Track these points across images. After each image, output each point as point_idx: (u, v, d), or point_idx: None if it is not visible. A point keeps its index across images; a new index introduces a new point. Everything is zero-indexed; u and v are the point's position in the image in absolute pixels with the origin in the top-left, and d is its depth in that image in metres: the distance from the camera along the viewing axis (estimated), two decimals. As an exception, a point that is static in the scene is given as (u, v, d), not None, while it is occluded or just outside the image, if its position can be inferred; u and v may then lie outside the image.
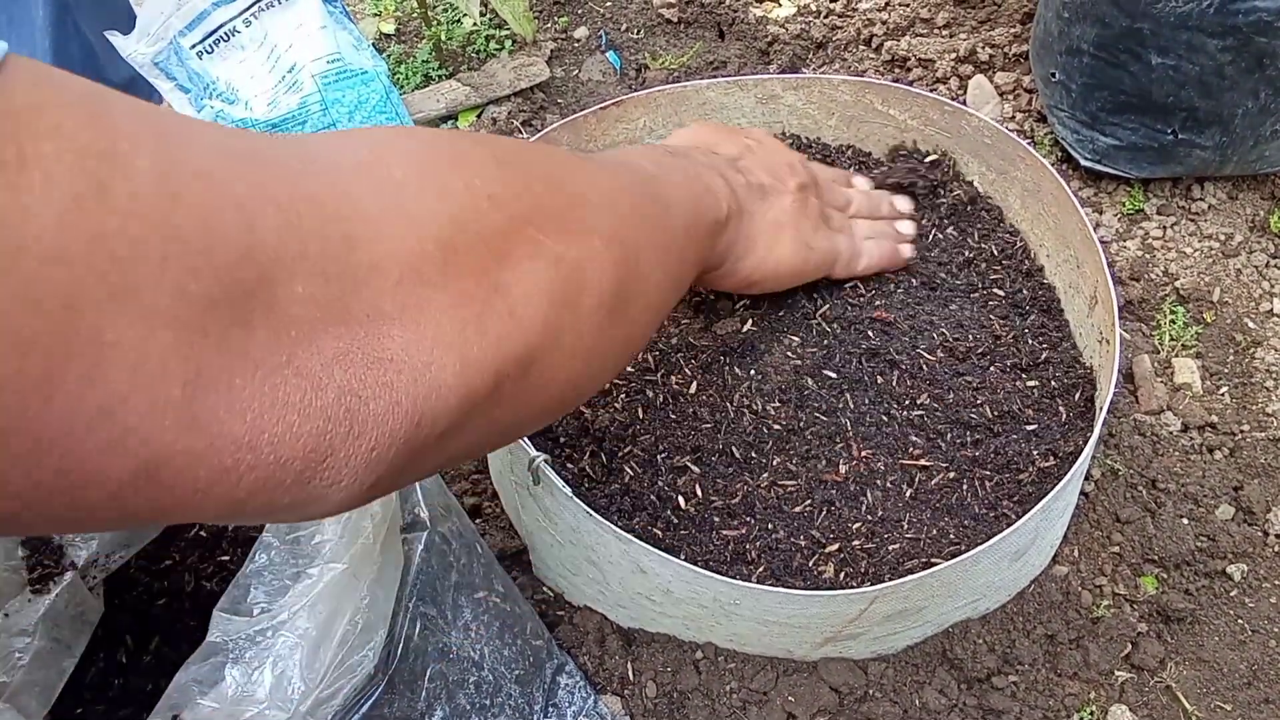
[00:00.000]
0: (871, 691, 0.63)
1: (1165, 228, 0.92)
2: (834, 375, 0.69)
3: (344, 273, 0.29)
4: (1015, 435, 0.67)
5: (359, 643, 0.49)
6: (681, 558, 0.60)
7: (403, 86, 1.08)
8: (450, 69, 1.10)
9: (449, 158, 0.36)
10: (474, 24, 1.14)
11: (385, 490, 0.34)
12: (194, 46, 0.87)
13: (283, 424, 0.27)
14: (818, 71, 1.08)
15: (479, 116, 1.06)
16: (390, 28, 1.17)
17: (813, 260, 0.66)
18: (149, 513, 0.26)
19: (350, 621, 0.49)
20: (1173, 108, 0.86)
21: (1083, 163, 0.94)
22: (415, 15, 1.15)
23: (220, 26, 0.88)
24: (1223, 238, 0.91)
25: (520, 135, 1.02)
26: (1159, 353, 0.83)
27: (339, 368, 0.28)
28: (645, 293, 0.45)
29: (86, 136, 0.22)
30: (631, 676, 0.65)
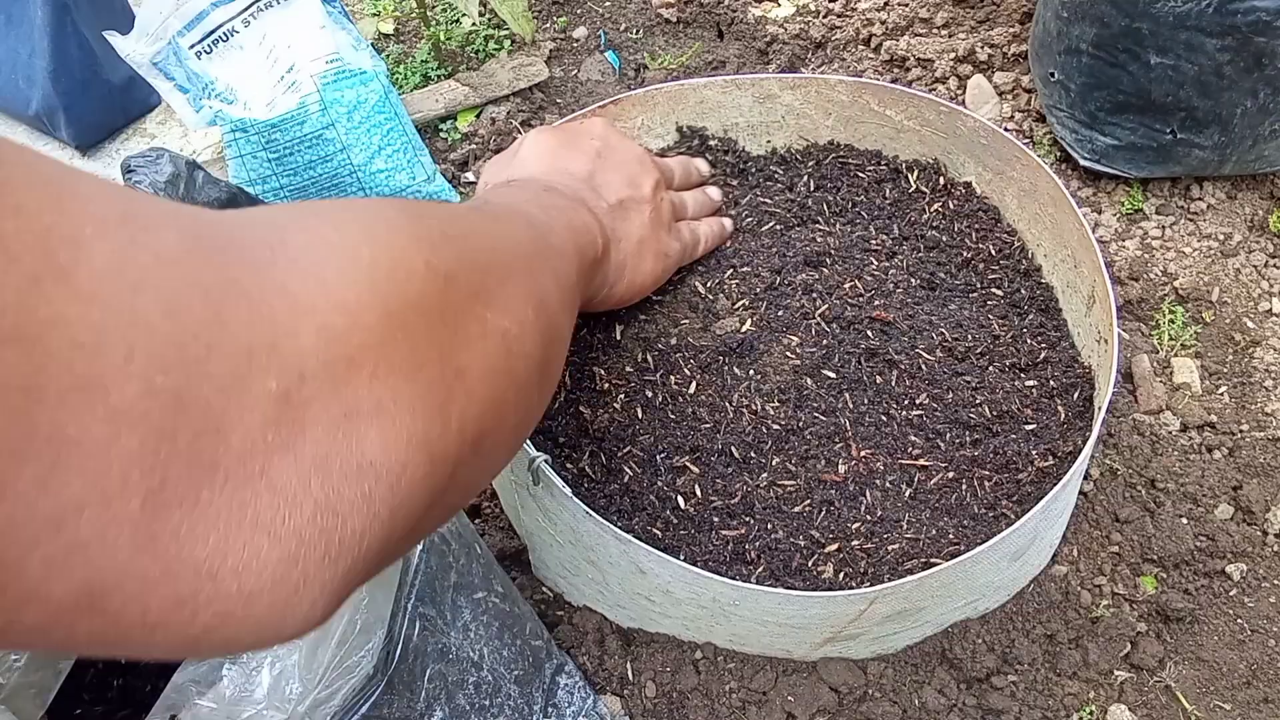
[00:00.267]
0: (871, 691, 0.63)
1: (1164, 227, 0.92)
2: (833, 375, 0.69)
3: (320, 368, 0.27)
4: (1014, 435, 0.67)
5: (357, 643, 0.49)
6: (681, 558, 0.60)
7: (402, 87, 1.08)
8: (449, 69, 1.10)
9: (409, 234, 0.34)
10: (473, 24, 1.14)
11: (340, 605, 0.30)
12: (193, 47, 0.87)
13: (249, 548, 0.24)
14: (817, 71, 1.08)
15: (478, 116, 1.06)
16: (389, 28, 1.17)
17: (669, 266, 0.68)
18: (90, 643, 0.23)
19: (349, 622, 0.49)
20: (1171, 107, 0.86)
21: (1082, 162, 0.94)
22: (414, 15, 1.15)
23: (219, 26, 0.87)
24: (1221, 237, 0.91)
25: (519, 135, 1.02)
26: (1158, 352, 0.83)
27: (317, 479, 0.26)
28: (562, 345, 0.46)
29: (49, 218, 0.21)
30: (631, 677, 0.65)
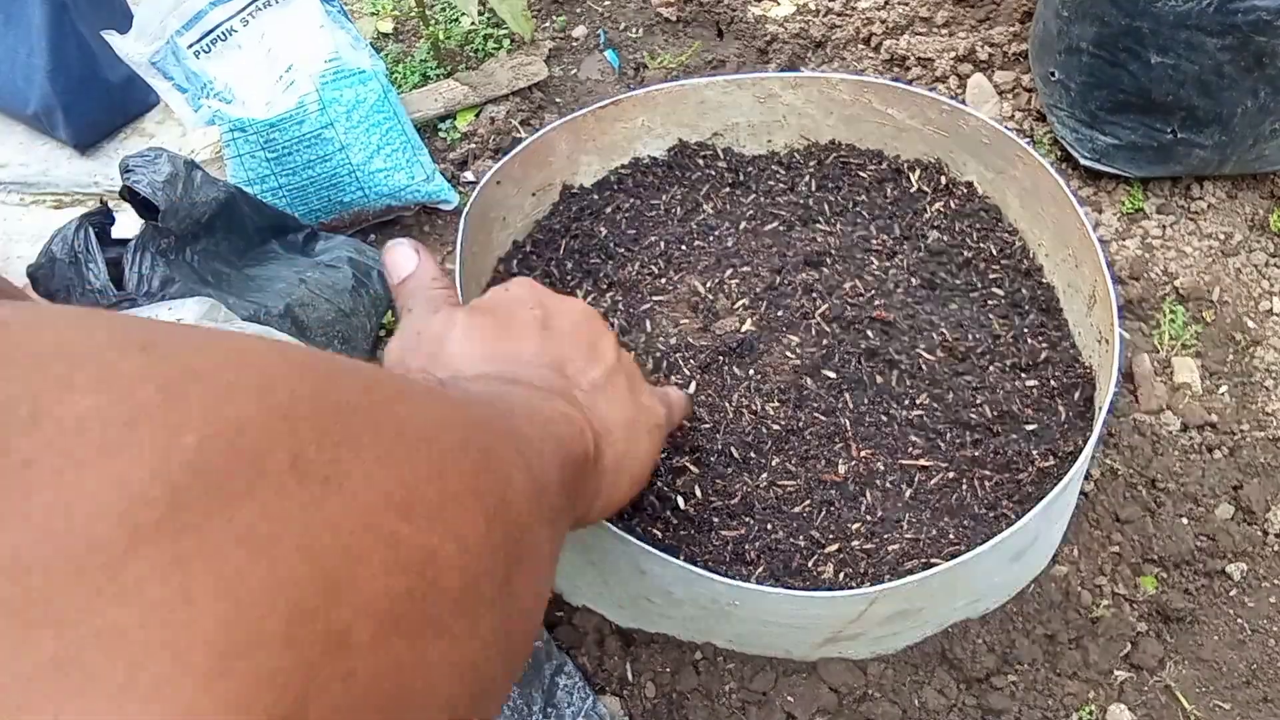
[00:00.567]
0: (871, 692, 0.63)
1: (1165, 227, 0.92)
2: (833, 375, 0.69)
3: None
4: (1015, 435, 0.67)
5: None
6: (681, 558, 0.60)
7: (400, 86, 1.08)
8: (448, 68, 1.10)
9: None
10: (472, 23, 1.14)
11: None
12: (191, 46, 0.87)
13: None
14: (816, 70, 1.08)
15: (477, 116, 1.06)
16: (388, 27, 1.17)
17: (663, 437, 0.54)
18: None
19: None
20: (1172, 107, 0.86)
21: (1082, 162, 0.94)
22: (413, 14, 1.15)
23: (218, 26, 0.87)
24: (1222, 237, 0.90)
25: (519, 134, 1.02)
26: (1158, 352, 0.83)
27: None
28: (539, 567, 0.33)
29: None
30: (631, 677, 0.65)
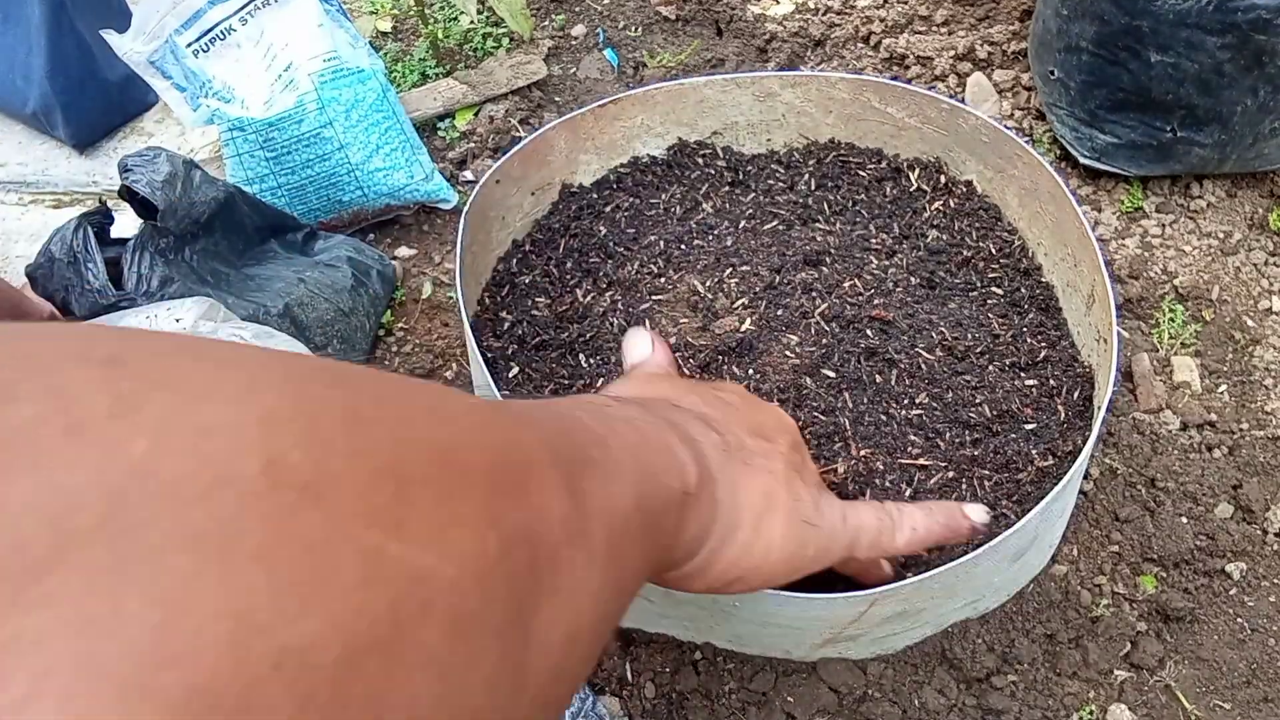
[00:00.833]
0: (871, 692, 0.63)
1: (1164, 225, 0.92)
2: (832, 374, 0.69)
3: None
4: (1014, 434, 0.67)
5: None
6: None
7: (399, 85, 1.08)
8: (447, 67, 1.10)
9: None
10: (471, 22, 1.14)
11: None
12: (190, 45, 0.87)
13: None
14: (816, 69, 1.08)
15: (476, 114, 1.05)
16: (387, 26, 1.17)
17: (816, 542, 0.47)
18: None
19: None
20: (1172, 105, 0.86)
21: (1082, 160, 0.93)
22: (412, 13, 1.15)
23: (216, 25, 0.87)
24: (1222, 235, 0.90)
25: (518, 133, 1.01)
26: (1158, 351, 0.83)
27: None
28: (566, 612, 0.28)
29: None
30: (630, 677, 0.65)
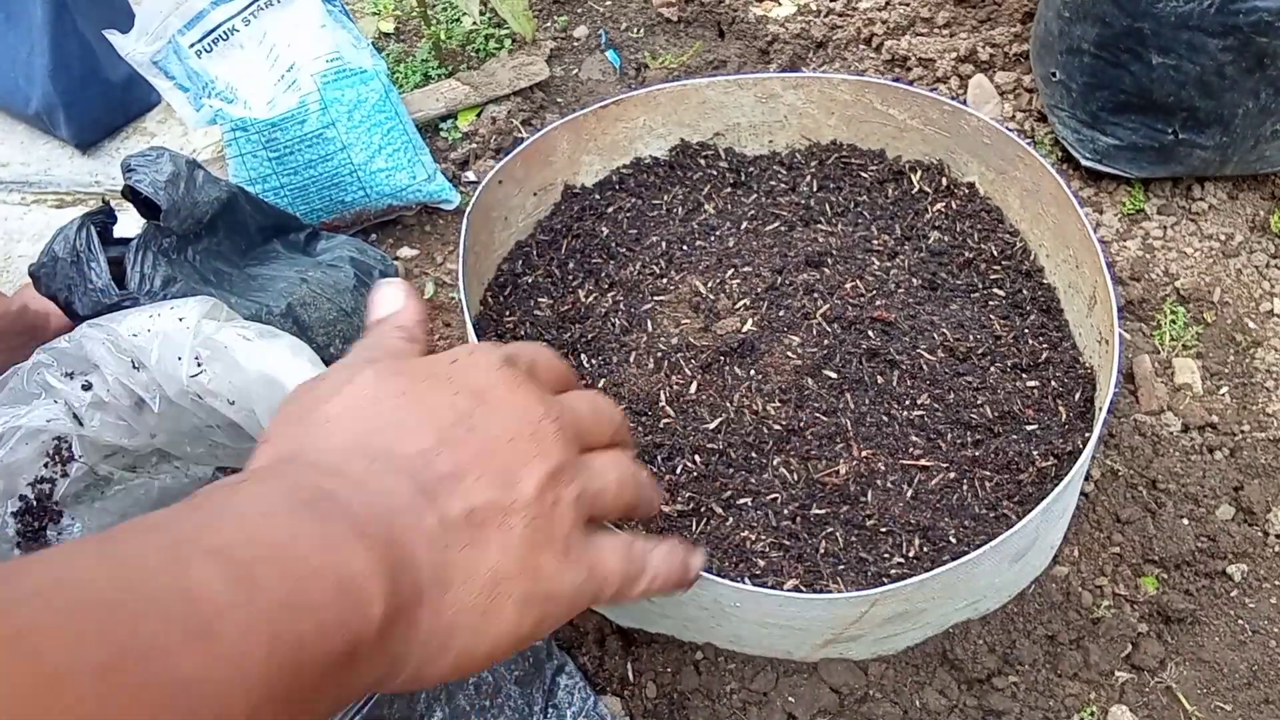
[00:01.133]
0: (872, 692, 0.63)
1: (1166, 228, 0.92)
2: (834, 375, 0.69)
3: None
4: (1015, 435, 0.67)
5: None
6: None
7: (402, 86, 1.08)
8: (450, 68, 1.10)
9: None
10: (473, 23, 1.14)
11: None
12: (193, 45, 0.87)
13: None
14: (818, 71, 1.08)
15: (478, 115, 1.06)
16: (389, 26, 1.17)
17: (555, 613, 0.42)
18: None
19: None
20: (1173, 107, 0.86)
21: (1083, 162, 0.94)
22: (414, 14, 1.15)
23: (219, 25, 0.87)
24: (1223, 238, 0.90)
25: (520, 134, 1.02)
26: (1159, 353, 0.83)
27: None
28: None
29: None
30: (632, 677, 0.65)
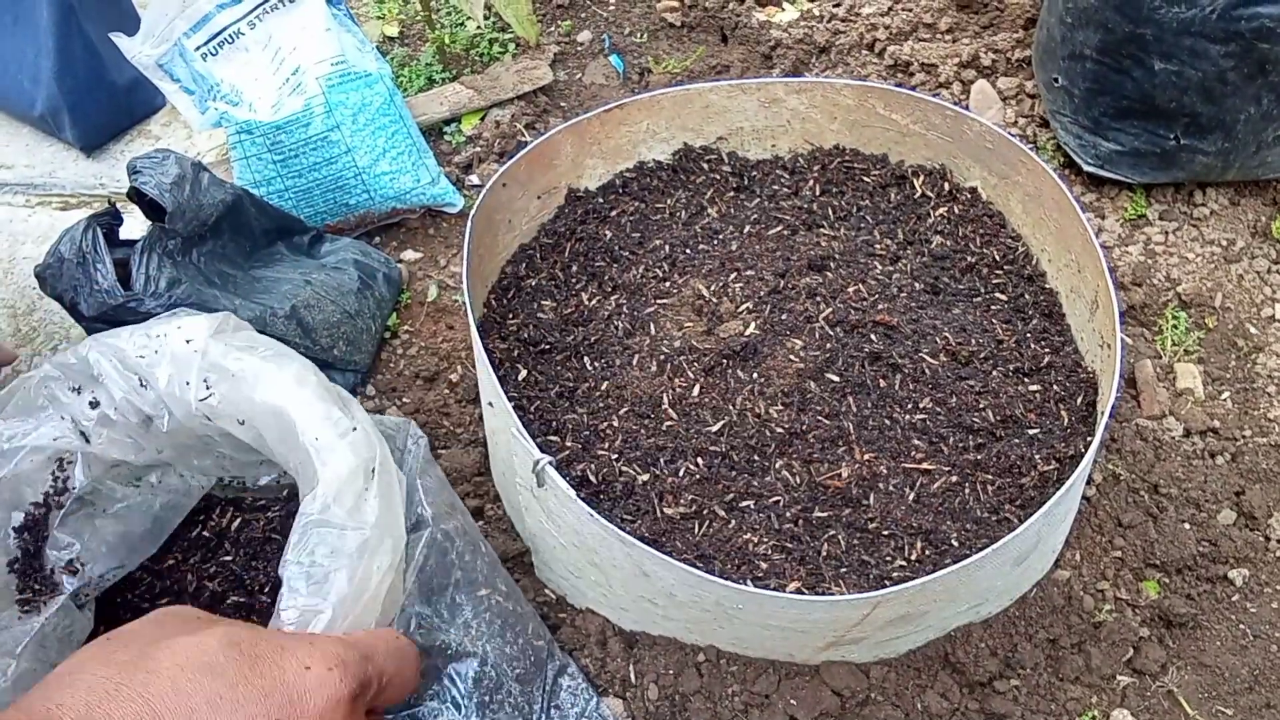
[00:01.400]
0: (873, 695, 0.63)
1: (1167, 233, 0.92)
2: (836, 379, 0.69)
3: None
4: (1017, 439, 0.68)
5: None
6: (681, 560, 0.60)
7: (406, 89, 1.08)
8: (454, 72, 1.10)
9: None
10: (477, 27, 1.14)
11: None
12: (198, 48, 0.87)
13: None
14: (820, 76, 1.08)
15: (482, 119, 1.06)
16: (394, 30, 1.17)
17: None
18: None
19: (348, 626, 0.49)
20: (1175, 113, 0.86)
21: (1085, 168, 0.94)
22: (419, 18, 1.15)
23: (225, 29, 0.88)
24: (1224, 243, 0.91)
25: (524, 138, 1.02)
26: (1161, 358, 0.83)
27: None
28: None
29: None
30: (633, 679, 0.65)
